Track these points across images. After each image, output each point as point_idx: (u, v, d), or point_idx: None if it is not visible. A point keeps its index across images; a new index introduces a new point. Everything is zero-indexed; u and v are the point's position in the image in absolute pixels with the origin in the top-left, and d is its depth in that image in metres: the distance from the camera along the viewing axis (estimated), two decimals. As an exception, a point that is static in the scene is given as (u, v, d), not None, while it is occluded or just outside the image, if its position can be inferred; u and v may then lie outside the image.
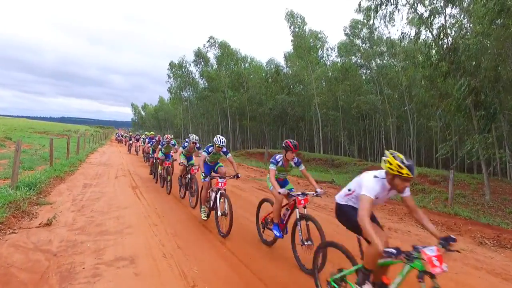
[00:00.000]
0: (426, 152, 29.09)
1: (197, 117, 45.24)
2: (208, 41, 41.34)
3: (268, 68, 43.49)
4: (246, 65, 41.32)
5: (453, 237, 2.14)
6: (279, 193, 3.87)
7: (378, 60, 26.08)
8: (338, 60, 33.95)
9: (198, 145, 7.09)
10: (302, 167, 4.28)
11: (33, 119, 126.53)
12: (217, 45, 41.35)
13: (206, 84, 42.81)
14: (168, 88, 47.30)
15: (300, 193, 3.89)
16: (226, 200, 4.68)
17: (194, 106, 43.10)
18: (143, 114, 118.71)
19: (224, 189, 4.89)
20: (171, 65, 45.39)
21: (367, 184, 2.40)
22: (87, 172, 11.18)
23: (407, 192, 2.45)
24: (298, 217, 3.79)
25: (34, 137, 41.52)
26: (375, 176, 2.44)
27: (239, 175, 5.20)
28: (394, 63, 24.89)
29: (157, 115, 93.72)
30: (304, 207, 3.83)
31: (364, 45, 26.07)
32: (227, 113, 41.55)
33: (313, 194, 3.88)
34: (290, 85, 34.31)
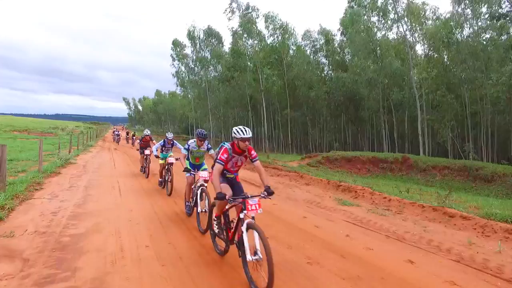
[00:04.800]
0: None
1: (217, 107, 34.76)
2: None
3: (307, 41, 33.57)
4: (286, 36, 30.44)
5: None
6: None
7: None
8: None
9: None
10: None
11: (27, 117, 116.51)
12: (241, 11, 30.22)
13: (225, 64, 32.15)
14: (176, 71, 36.89)
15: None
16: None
17: (216, 91, 32.43)
18: (140, 108, 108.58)
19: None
20: (175, 43, 35.09)
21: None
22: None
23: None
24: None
25: (4, 136, 30.97)
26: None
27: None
28: None
29: (156, 109, 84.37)
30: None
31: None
32: (260, 101, 30.66)
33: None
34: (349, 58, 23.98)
